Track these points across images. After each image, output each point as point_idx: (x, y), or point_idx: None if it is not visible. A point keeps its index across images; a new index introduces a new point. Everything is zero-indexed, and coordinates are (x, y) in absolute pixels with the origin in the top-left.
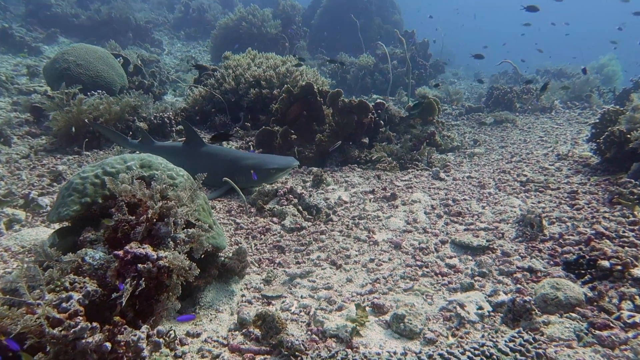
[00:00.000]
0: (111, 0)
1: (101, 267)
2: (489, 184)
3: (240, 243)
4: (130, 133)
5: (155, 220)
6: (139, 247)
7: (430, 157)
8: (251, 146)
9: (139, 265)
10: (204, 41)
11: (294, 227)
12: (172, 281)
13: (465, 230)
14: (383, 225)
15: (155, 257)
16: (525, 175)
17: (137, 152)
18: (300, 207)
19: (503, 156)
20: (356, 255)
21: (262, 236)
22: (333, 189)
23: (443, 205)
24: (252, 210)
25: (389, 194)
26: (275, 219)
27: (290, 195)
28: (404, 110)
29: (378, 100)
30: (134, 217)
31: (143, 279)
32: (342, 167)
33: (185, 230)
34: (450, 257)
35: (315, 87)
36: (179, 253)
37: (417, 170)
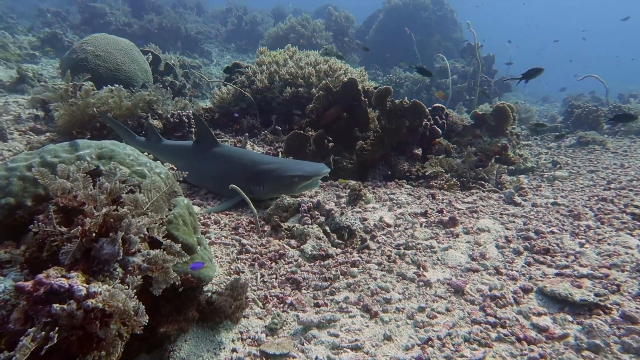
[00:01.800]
0: (164, 12)
1: (4, 304)
2: (585, 214)
3: (242, 272)
4: (143, 132)
5: (94, 234)
6: (59, 277)
7: (500, 176)
8: (280, 153)
9: (55, 306)
10: (254, 53)
11: (316, 255)
12: (109, 333)
13: (557, 275)
14: (438, 260)
15: (82, 293)
16: (638, 207)
17: (141, 150)
18: (327, 228)
19: (595, 182)
20: (399, 301)
21: (274, 264)
22: (374, 207)
23: (522, 238)
24: (264, 228)
25: (447, 218)
26: (293, 242)
27: (316, 212)
28: (467, 117)
29: (436, 104)
30: (67, 229)
31: (58, 327)
32: (387, 182)
33: (146, 252)
34: (539, 314)
35: (359, 85)
36: (128, 287)
37: (483, 191)
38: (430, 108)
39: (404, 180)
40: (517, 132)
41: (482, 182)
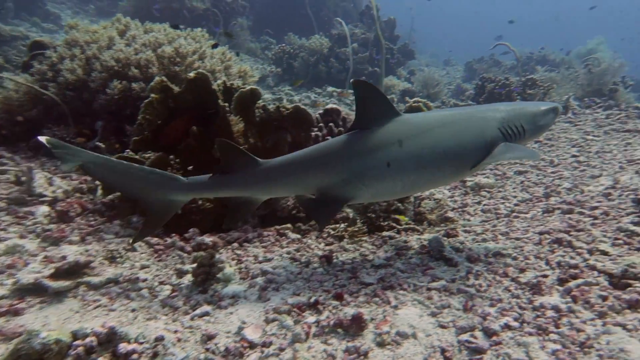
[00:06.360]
0: None
1: None
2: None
3: None
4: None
5: None
6: None
7: (419, 203)
8: (99, 189)
9: None
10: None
11: None
12: None
13: None
14: None
15: None
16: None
17: None
18: None
19: (533, 196)
20: None
21: None
22: (235, 296)
23: (467, 350)
24: None
25: (348, 315)
26: None
27: None
28: None
29: (329, 106)
30: None
31: None
32: (264, 229)
33: None
34: None
35: (213, 82)
36: None
37: (398, 232)
38: (320, 111)
39: (290, 225)
40: None
41: (397, 217)
